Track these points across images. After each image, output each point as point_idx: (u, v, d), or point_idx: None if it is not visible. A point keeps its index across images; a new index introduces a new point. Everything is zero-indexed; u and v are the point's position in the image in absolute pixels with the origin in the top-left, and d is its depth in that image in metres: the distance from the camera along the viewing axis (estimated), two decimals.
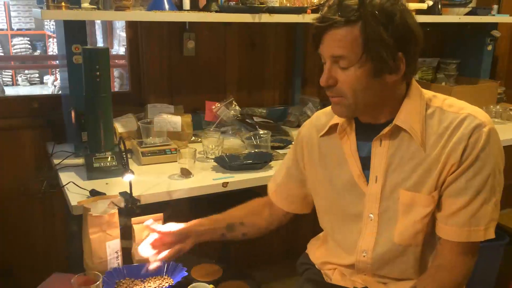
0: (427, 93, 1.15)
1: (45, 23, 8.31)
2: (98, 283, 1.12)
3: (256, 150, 1.85)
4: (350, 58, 1.02)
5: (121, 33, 5.25)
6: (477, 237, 1.06)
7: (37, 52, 8.65)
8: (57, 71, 7.63)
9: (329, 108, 1.29)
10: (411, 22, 1.04)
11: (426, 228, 1.11)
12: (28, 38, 8.52)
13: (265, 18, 1.91)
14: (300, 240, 1.58)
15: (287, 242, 2.60)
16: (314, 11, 2.06)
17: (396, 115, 1.10)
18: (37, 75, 8.33)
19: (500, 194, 1.09)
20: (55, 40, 7.94)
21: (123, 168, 1.43)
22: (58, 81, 7.43)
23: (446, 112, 1.09)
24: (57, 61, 7.39)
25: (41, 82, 8.27)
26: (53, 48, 8.05)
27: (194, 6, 1.91)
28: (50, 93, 6.80)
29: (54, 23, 7.59)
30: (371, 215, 1.15)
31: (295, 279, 1.38)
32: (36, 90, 7.80)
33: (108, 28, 5.09)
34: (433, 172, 1.07)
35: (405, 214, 1.11)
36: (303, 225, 2.45)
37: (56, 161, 1.74)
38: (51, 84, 7.64)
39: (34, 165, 2.00)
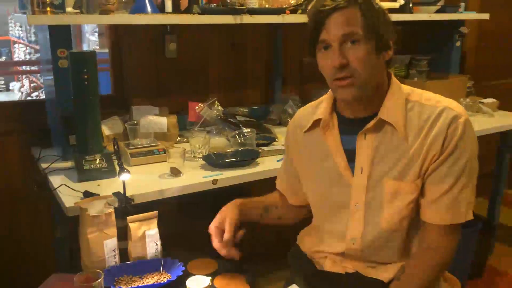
0: (405, 88, 1.22)
1: (10, 28, 8.15)
2: (99, 280, 1.14)
3: (242, 148, 1.90)
4: (358, 34, 1.09)
5: (90, 37, 5.26)
6: (459, 219, 1.15)
7: (2, 58, 8.48)
8: (23, 78, 7.49)
9: (310, 104, 1.35)
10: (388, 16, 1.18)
11: (410, 214, 1.18)
12: None
13: (246, 19, 1.96)
14: (286, 236, 1.64)
15: (275, 237, 2.66)
16: (292, 11, 2.13)
17: (380, 110, 1.17)
18: (2, 82, 8.16)
19: (476, 179, 1.18)
20: (20, 45, 7.80)
21: (119, 168, 1.45)
22: (26, 87, 7.30)
23: (424, 105, 1.17)
24: (23, 67, 7.28)
25: (7, 89, 8.10)
26: (18, 54, 7.90)
27: (176, 9, 1.94)
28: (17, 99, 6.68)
29: (20, 29, 7.44)
30: (358, 204, 1.22)
31: (281, 274, 1.43)
32: (2, 97, 7.63)
33: (77, 32, 5.08)
34: (415, 162, 1.15)
35: (390, 202, 1.18)
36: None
37: (44, 165, 1.75)
38: (17, 91, 7.50)
39: (21, 170, 1.99)
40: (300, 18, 2.11)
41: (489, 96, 2.76)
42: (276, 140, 2.09)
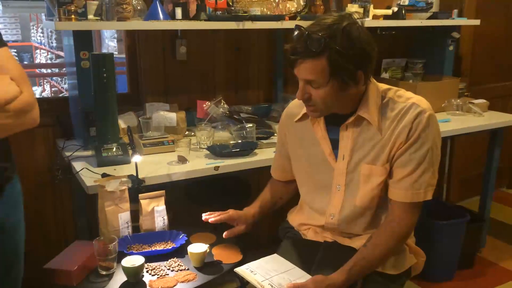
0: (382, 86, 1.42)
1: (32, 35, 8.48)
2: (115, 243, 1.36)
3: (242, 140, 2.10)
4: (319, 82, 1.26)
5: (109, 43, 5.53)
6: (418, 198, 1.34)
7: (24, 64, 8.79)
8: (44, 82, 7.82)
9: None
10: (367, 43, 1.26)
11: (380, 193, 1.38)
12: (15, 50, 8.65)
13: (248, 25, 2.15)
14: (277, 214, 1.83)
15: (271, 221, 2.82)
16: (291, 18, 2.33)
17: (358, 107, 1.36)
18: None
19: (437, 166, 1.37)
20: (42, 51, 8.12)
21: (132, 151, 1.67)
22: (47, 91, 7.63)
23: (396, 102, 1.37)
24: (43, 70, 7.59)
25: None
26: (40, 59, 8.21)
27: (185, 16, 2.16)
28: None
29: (41, 35, 7.76)
30: (339, 186, 1.42)
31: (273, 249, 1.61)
32: None
33: (97, 38, 5.33)
34: (385, 149, 1.35)
35: (365, 183, 1.38)
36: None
37: (67, 154, 1.98)
38: (39, 95, 7.81)
39: (47, 159, 2.23)
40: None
41: (484, 98, 2.89)
42: (275, 134, 2.28)
